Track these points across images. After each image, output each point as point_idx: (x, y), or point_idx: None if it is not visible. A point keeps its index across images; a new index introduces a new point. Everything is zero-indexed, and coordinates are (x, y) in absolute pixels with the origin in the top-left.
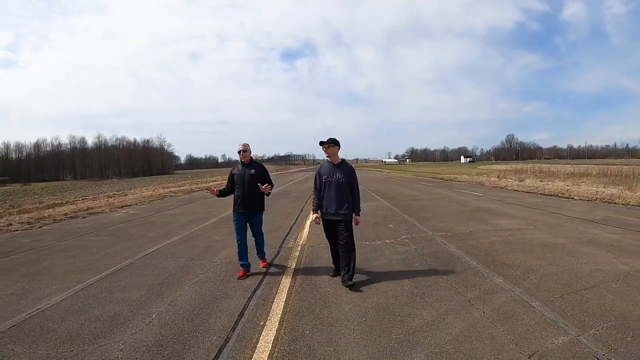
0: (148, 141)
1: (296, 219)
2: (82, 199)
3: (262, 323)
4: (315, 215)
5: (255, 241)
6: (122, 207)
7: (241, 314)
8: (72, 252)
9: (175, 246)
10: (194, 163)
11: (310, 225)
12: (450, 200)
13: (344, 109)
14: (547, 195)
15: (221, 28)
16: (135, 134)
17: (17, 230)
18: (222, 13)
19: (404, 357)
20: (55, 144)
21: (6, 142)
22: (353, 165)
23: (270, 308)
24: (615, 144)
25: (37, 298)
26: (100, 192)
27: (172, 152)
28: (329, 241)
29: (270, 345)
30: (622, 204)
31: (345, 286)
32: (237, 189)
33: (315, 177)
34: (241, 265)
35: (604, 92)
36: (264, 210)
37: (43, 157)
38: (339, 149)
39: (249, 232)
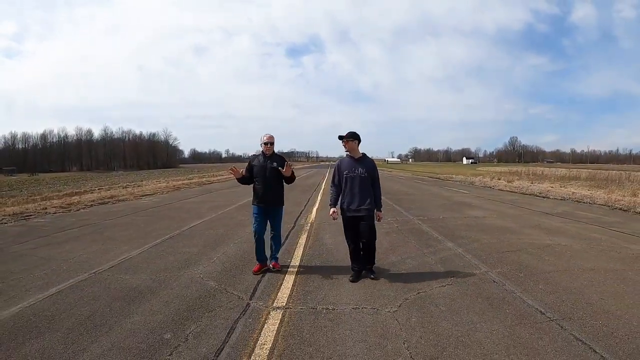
0: (154, 135)
1: (304, 206)
2: (98, 189)
3: (289, 262)
4: (332, 209)
5: (272, 237)
6: (143, 196)
7: None
8: (123, 227)
9: (209, 223)
10: (197, 157)
11: (316, 210)
12: (437, 196)
13: (349, 106)
14: (527, 194)
15: (228, 22)
16: (139, 127)
17: (56, 213)
18: (230, 7)
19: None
20: (62, 135)
21: (13, 132)
22: None
23: (293, 253)
24: (617, 150)
25: (116, 254)
26: (113, 183)
27: (177, 146)
28: (348, 241)
29: (296, 271)
30: (589, 203)
31: (370, 278)
32: (257, 182)
33: (334, 172)
34: (258, 259)
35: (611, 96)
36: (283, 204)
37: (49, 148)
38: (359, 143)
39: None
